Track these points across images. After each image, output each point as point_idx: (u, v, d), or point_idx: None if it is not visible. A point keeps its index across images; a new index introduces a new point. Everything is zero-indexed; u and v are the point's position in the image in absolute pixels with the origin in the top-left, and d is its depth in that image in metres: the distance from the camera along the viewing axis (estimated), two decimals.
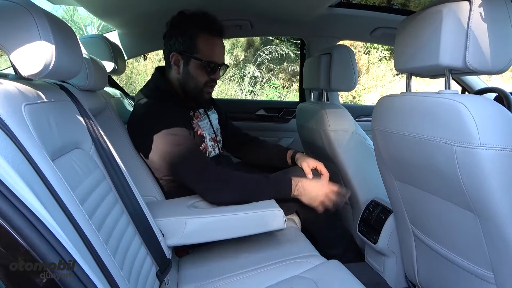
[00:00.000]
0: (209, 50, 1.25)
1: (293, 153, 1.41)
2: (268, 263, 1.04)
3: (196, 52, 1.24)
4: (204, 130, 1.33)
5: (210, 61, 1.25)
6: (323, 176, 1.32)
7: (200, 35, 1.23)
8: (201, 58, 1.24)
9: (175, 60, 1.27)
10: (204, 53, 1.24)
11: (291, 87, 6.93)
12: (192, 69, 1.26)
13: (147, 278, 0.83)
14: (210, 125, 1.39)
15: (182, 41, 1.24)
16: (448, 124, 0.76)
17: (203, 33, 1.23)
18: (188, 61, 1.25)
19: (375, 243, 1.30)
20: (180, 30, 1.24)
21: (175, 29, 1.25)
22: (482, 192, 0.74)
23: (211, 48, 1.25)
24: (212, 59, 1.25)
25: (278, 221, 1.06)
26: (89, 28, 8.06)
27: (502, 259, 0.78)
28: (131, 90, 6.43)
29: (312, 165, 1.31)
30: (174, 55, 1.26)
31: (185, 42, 1.23)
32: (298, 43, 5.64)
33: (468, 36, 0.74)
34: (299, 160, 1.36)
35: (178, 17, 1.25)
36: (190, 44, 1.23)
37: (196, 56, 1.24)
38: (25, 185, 0.47)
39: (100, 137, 0.87)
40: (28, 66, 0.63)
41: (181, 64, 1.26)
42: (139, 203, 0.88)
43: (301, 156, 1.37)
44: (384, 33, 1.90)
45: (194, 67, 1.25)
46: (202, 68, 1.25)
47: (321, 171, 1.32)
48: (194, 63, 1.25)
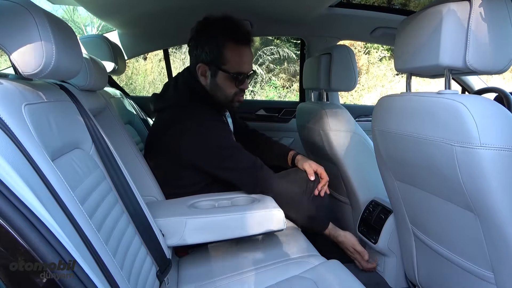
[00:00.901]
0: (236, 61, 1.20)
1: (294, 154, 1.42)
2: (268, 263, 1.04)
3: (224, 63, 1.20)
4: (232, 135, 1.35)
5: (238, 73, 1.21)
6: (323, 180, 1.32)
7: (227, 44, 1.18)
8: (229, 70, 1.20)
9: (201, 71, 1.23)
10: (232, 65, 1.20)
11: (291, 87, 6.93)
12: (220, 80, 1.22)
13: (147, 278, 0.83)
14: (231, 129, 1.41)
15: (208, 51, 1.19)
16: (448, 124, 0.76)
17: (230, 43, 1.18)
18: (215, 73, 1.22)
19: (375, 243, 1.30)
20: (207, 38, 1.19)
21: (201, 37, 1.20)
22: (482, 192, 0.74)
23: (239, 59, 1.21)
24: (240, 70, 1.21)
25: (278, 221, 1.06)
26: (89, 28, 8.06)
27: (502, 259, 0.78)
28: (131, 90, 6.43)
29: (314, 168, 1.32)
30: (200, 66, 1.22)
31: (211, 53, 1.19)
32: (298, 43, 5.64)
33: (468, 36, 0.74)
34: (300, 162, 1.36)
35: (202, 24, 1.20)
36: (217, 54, 1.19)
37: (224, 68, 1.20)
38: (25, 185, 0.47)
39: (100, 137, 0.87)
40: (28, 66, 0.63)
41: (208, 75, 1.23)
42: (139, 203, 0.88)
43: (302, 158, 1.38)
44: (384, 33, 1.90)
45: (222, 78, 1.22)
46: (231, 79, 1.22)
47: (321, 175, 1.32)
48: (222, 74, 1.21)
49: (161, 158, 1.24)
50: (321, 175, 1.32)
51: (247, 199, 1.18)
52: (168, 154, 1.22)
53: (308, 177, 1.31)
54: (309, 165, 1.32)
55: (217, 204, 1.15)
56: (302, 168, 1.33)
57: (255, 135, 1.59)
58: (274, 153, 1.48)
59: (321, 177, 1.32)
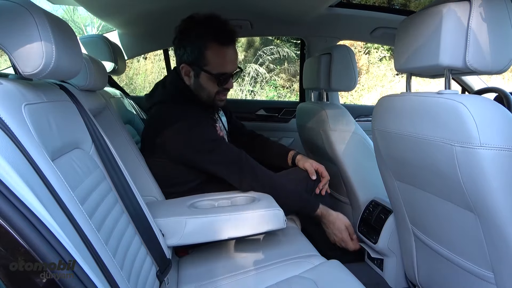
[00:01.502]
0: (219, 62, 1.20)
1: (294, 154, 1.42)
2: (268, 263, 1.04)
3: (205, 64, 1.19)
4: (223, 132, 1.35)
5: (220, 73, 1.21)
6: (324, 179, 1.33)
7: (209, 45, 1.17)
8: (211, 71, 1.20)
9: (185, 71, 1.23)
10: (214, 66, 1.20)
11: (291, 87, 6.93)
12: (202, 80, 1.22)
13: (147, 278, 0.83)
14: (224, 128, 1.41)
15: (190, 51, 1.19)
16: (448, 124, 0.76)
17: (212, 43, 1.17)
18: (198, 73, 1.22)
19: (375, 243, 1.30)
20: (189, 39, 1.19)
21: (184, 37, 1.20)
22: (482, 192, 0.74)
23: (221, 60, 1.20)
24: (223, 71, 1.21)
25: (278, 220, 1.06)
26: (89, 28, 8.06)
27: (502, 259, 0.78)
28: (131, 90, 6.43)
29: (315, 167, 1.33)
30: (184, 67, 1.22)
31: (193, 53, 1.19)
32: (298, 43, 5.64)
33: (468, 36, 0.73)
34: (300, 162, 1.36)
35: (186, 23, 1.20)
36: (199, 55, 1.18)
37: (206, 68, 1.20)
38: (25, 185, 0.47)
39: (100, 137, 0.87)
40: (28, 66, 0.63)
41: (191, 75, 1.23)
42: (139, 203, 0.88)
43: (302, 158, 1.38)
44: (384, 33, 1.90)
45: (205, 79, 1.22)
46: (213, 80, 1.22)
47: (322, 174, 1.33)
48: (205, 75, 1.21)
49: (152, 157, 1.24)
50: (322, 174, 1.33)
51: (247, 198, 1.18)
52: (157, 153, 1.23)
53: (308, 176, 1.31)
54: (310, 165, 1.33)
55: (217, 204, 1.15)
56: (303, 168, 1.34)
57: (253, 136, 1.59)
58: (274, 153, 1.48)
59: (322, 176, 1.33)
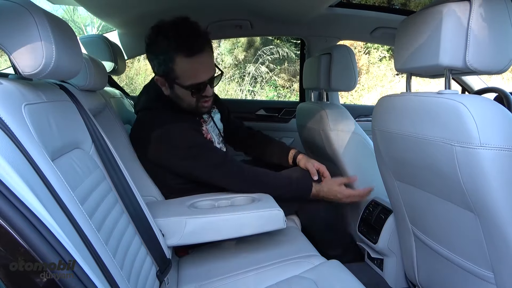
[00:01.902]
0: (189, 74, 1.13)
1: (295, 153, 1.41)
2: (268, 263, 1.04)
3: (176, 77, 1.14)
4: (212, 134, 1.32)
5: (193, 84, 1.14)
6: (325, 179, 1.32)
7: (175, 58, 1.10)
8: (183, 84, 1.14)
9: (160, 82, 1.19)
10: (185, 78, 1.13)
11: (291, 87, 6.93)
12: (178, 91, 1.17)
13: (147, 278, 0.83)
14: (216, 127, 1.39)
15: (158, 65, 1.14)
16: (448, 124, 0.76)
17: (179, 56, 1.10)
18: (172, 85, 1.17)
19: (375, 243, 1.30)
20: (155, 52, 1.13)
21: (150, 50, 1.14)
22: (482, 192, 0.73)
23: (192, 72, 1.13)
24: (196, 82, 1.14)
25: (278, 221, 1.06)
26: (89, 28, 8.05)
27: (502, 259, 0.78)
28: (131, 90, 6.43)
29: (316, 166, 1.32)
30: (158, 79, 1.18)
31: (161, 67, 1.13)
32: (298, 43, 5.64)
33: (468, 36, 0.73)
34: (301, 161, 1.36)
35: (153, 33, 1.12)
36: (167, 69, 1.13)
37: (177, 81, 1.14)
38: (25, 185, 0.47)
39: (100, 137, 0.87)
40: (28, 66, 0.63)
41: (167, 86, 1.19)
42: (139, 203, 0.88)
43: (303, 158, 1.37)
44: (384, 33, 1.90)
45: (180, 90, 1.16)
46: (188, 90, 1.16)
47: (324, 173, 1.33)
48: (178, 87, 1.16)
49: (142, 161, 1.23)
50: (323, 174, 1.33)
51: (246, 199, 1.18)
52: (143, 158, 1.22)
53: (308, 176, 1.31)
54: (312, 165, 1.32)
55: (217, 204, 1.15)
56: (304, 167, 1.33)
57: (251, 133, 1.57)
58: (274, 151, 1.47)
59: (324, 176, 1.32)
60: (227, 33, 2.23)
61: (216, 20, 1.85)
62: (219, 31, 2.01)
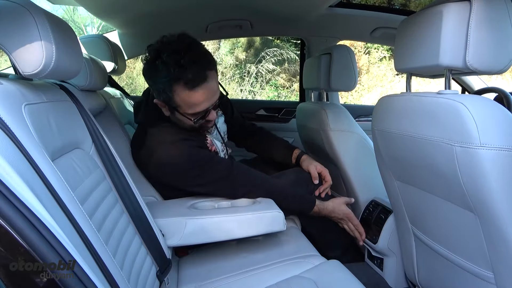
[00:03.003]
0: (190, 105, 1.05)
1: (299, 153, 1.40)
2: (268, 263, 1.04)
3: (177, 106, 1.06)
4: (216, 144, 1.27)
5: (194, 113, 1.07)
6: (326, 183, 1.32)
7: (176, 90, 1.01)
8: (184, 112, 1.07)
9: (160, 105, 1.10)
10: (185, 107, 1.06)
11: (291, 87, 6.93)
12: (179, 117, 1.10)
13: (147, 278, 0.83)
14: (219, 134, 1.34)
15: (157, 92, 1.05)
16: (448, 124, 0.76)
17: (179, 88, 1.01)
18: (172, 111, 1.10)
19: (375, 243, 1.30)
20: (155, 79, 1.03)
21: (149, 75, 1.05)
22: (482, 192, 0.73)
23: (193, 103, 1.04)
24: (197, 111, 1.06)
25: (278, 222, 1.06)
26: (89, 28, 8.05)
27: (502, 259, 0.78)
28: (131, 90, 6.43)
29: (318, 170, 1.32)
30: (157, 102, 1.10)
31: (161, 95, 1.05)
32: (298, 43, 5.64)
33: (468, 36, 0.73)
34: (305, 163, 1.35)
35: (152, 54, 1.02)
36: (167, 98, 1.04)
37: (179, 110, 1.07)
38: (25, 185, 0.47)
39: (100, 137, 0.87)
40: (28, 66, 0.63)
41: (167, 109, 1.11)
42: (139, 203, 0.88)
43: (307, 159, 1.37)
44: (384, 33, 1.90)
45: (181, 116, 1.09)
46: (189, 118, 1.09)
47: (325, 178, 1.32)
48: (179, 114, 1.09)
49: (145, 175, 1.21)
50: (325, 178, 1.32)
51: (247, 200, 1.18)
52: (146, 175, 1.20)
53: (310, 178, 1.31)
54: (314, 167, 1.31)
55: (217, 205, 1.15)
56: (306, 170, 1.33)
57: (255, 130, 1.55)
58: (278, 149, 1.46)
59: (325, 180, 1.32)
60: (227, 33, 2.23)
61: (216, 20, 1.85)
62: (219, 31, 2.01)
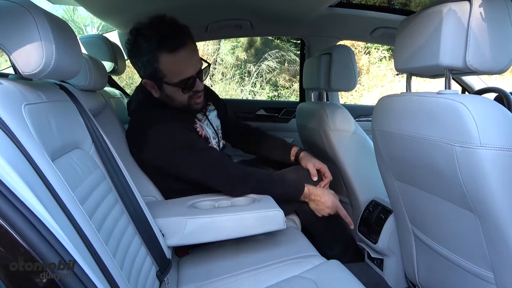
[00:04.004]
0: (175, 70, 1.11)
1: (298, 151, 1.40)
2: (268, 263, 1.04)
3: (163, 76, 1.11)
4: (207, 131, 1.30)
5: (182, 80, 1.12)
6: (326, 179, 1.32)
7: (158, 57, 1.08)
8: (171, 81, 1.12)
9: (149, 85, 1.16)
10: (172, 76, 1.11)
11: (291, 87, 6.93)
12: (168, 91, 1.15)
13: (147, 278, 0.83)
14: (211, 125, 1.37)
15: (143, 67, 1.12)
16: (448, 124, 0.76)
17: (161, 54, 1.08)
18: (160, 86, 1.15)
19: (375, 243, 1.30)
20: (138, 55, 1.11)
21: (133, 53, 1.12)
22: (482, 192, 0.74)
23: (177, 67, 1.11)
24: (184, 77, 1.12)
25: (278, 221, 1.05)
26: (89, 28, 8.06)
27: (502, 259, 0.78)
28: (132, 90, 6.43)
29: (317, 166, 1.31)
30: (145, 82, 1.16)
31: (146, 68, 1.11)
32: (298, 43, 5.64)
33: (468, 36, 0.73)
34: (303, 160, 1.35)
35: (132, 36, 1.10)
36: (152, 70, 1.10)
37: (165, 80, 1.12)
38: (25, 185, 0.47)
39: (100, 137, 0.87)
40: (28, 66, 0.63)
41: (156, 88, 1.17)
42: (139, 203, 0.88)
43: (306, 156, 1.36)
44: (384, 33, 1.90)
45: (169, 89, 1.15)
46: (178, 88, 1.14)
47: (325, 174, 1.32)
48: (167, 86, 1.14)
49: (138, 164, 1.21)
50: (325, 174, 1.32)
51: (247, 199, 1.18)
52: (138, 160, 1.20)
53: (308, 175, 1.31)
54: (313, 165, 1.31)
55: (217, 204, 1.15)
56: (305, 167, 1.33)
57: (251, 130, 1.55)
58: (275, 148, 1.46)
59: (325, 176, 1.32)
60: (227, 33, 2.23)
61: (216, 20, 1.85)
62: (219, 31, 2.01)
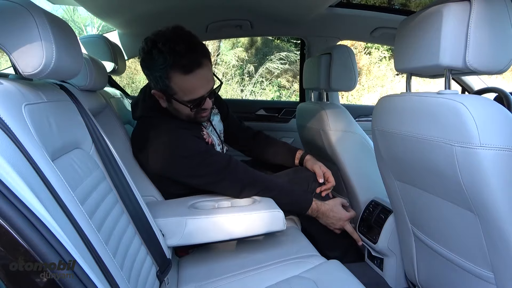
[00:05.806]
0: (187, 90, 1.10)
1: (303, 154, 1.41)
2: (268, 263, 1.04)
3: (174, 93, 1.11)
4: (212, 137, 1.30)
5: (192, 100, 1.12)
6: (329, 184, 1.33)
7: (172, 76, 1.06)
8: (181, 99, 1.12)
9: (158, 96, 1.16)
10: (182, 94, 1.10)
11: (291, 87, 6.94)
12: (176, 106, 1.15)
13: (147, 278, 0.83)
14: (214, 130, 1.37)
15: (154, 81, 1.11)
16: (448, 124, 0.76)
17: (175, 73, 1.06)
18: (169, 100, 1.15)
19: (375, 243, 1.30)
20: (151, 68, 1.09)
21: (146, 64, 1.10)
22: (482, 192, 0.73)
23: (189, 88, 1.09)
24: (194, 97, 1.11)
25: (278, 222, 1.06)
26: (89, 28, 8.05)
27: (502, 259, 0.78)
28: (132, 89, 6.43)
29: (323, 170, 1.33)
30: (155, 93, 1.15)
31: (158, 83, 1.10)
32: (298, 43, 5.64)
33: (468, 36, 0.73)
34: (309, 162, 1.36)
35: (147, 46, 1.08)
36: (164, 86, 1.09)
37: (175, 97, 1.12)
38: (25, 185, 0.47)
39: (100, 137, 0.87)
40: (28, 66, 0.63)
41: (164, 99, 1.16)
42: (139, 203, 0.88)
43: (311, 159, 1.38)
44: (384, 33, 1.90)
45: (178, 105, 1.14)
46: (186, 106, 1.14)
47: (328, 179, 1.33)
48: (176, 102, 1.14)
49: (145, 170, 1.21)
50: (328, 179, 1.33)
51: (247, 199, 1.18)
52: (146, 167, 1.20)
53: (311, 177, 1.31)
54: (319, 167, 1.32)
55: (217, 204, 1.15)
56: (311, 169, 1.34)
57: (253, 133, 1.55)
58: (278, 151, 1.47)
59: (328, 181, 1.33)
60: (227, 33, 2.23)
61: (216, 20, 1.85)
62: (219, 31, 2.01)
